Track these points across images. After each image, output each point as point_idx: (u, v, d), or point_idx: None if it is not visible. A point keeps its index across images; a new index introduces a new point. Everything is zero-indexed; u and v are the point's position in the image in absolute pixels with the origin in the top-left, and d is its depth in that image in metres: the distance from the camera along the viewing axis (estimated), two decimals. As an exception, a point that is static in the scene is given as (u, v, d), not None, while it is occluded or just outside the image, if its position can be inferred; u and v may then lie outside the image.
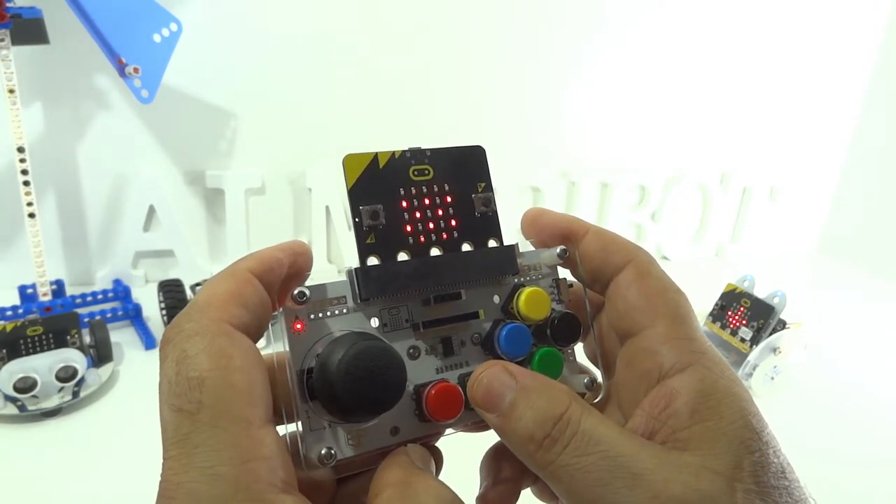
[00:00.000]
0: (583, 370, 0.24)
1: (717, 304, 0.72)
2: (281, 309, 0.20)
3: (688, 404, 0.19)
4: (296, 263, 0.21)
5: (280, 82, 0.87)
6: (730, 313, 0.70)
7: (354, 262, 0.21)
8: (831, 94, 1.15)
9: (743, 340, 0.68)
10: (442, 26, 0.91)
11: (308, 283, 0.21)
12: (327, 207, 0.92)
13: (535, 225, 0.25)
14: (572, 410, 0.19)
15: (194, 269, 0.88)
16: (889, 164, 1.13)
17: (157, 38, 0.69)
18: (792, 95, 1.12)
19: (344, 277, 0.21)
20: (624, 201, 1.07)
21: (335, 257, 0.95)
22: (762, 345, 0.67)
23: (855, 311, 0.96)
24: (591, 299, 0.25)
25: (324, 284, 0.21)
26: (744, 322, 0.68)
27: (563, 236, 0.24)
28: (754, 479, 0.17)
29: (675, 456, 0.18)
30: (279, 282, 0.21)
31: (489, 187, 0.24)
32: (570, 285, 0.25)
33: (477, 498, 0.24)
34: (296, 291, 0.20)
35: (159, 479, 0.17)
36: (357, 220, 0.21)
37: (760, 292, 0.69)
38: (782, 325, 0.69)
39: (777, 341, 0.67)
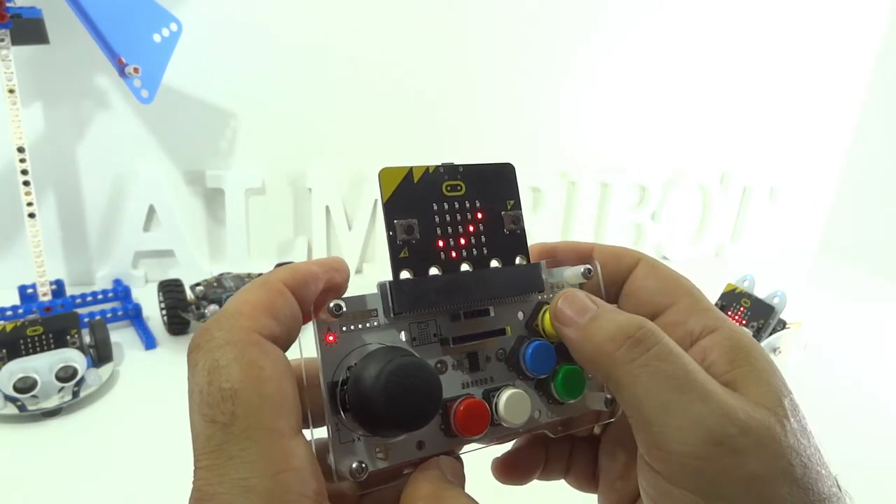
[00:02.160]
0: (602, 388, 0.25)
1: (717, 304, 0.72)
2: (314, 320, 0.20)
3: (722, 356, 0.21)
4: (332, 280, 0.21)
5: (280, 82, 0.87)
6: (730, 313, 0.70)
7: (355, 259, 0.21)
8: (831, 95, 1.15)
9: (743, 340, 0.68)
10: (441, 27, 0.91)
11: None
12: (327, 207, 0.92)
13: (550, 254, 0.25)
14: (653, 325, 0.20)
15: (194, 269, 0.88)
16: (889, 164, 1.13)
17: (157, 38, 0.69)
18: (792, 95, 1.12)
19: (374, 290, 0.21)
20: (624, 201, 1.07)
21: (335, 257, 0.95)
22: (762, 345, 0.67)
23: (855, 311, 0.96)
24: None
25: (360, 297, 0.21)
26: (744, 322, 0.69)
27: (577, 257, 0.25)
28: (796, 419, 0.19)
29: (731, 390, 0.20)
30: (314, 296, 0.20)
31: (518, 205, 0.24)
32: None
33: (494, 459, 0.26)
34: (332, 304, 0.20)
35: (192, 487, 0.17)
36: (391, 233, 0.21)
37: (760, 292, 0.69)
38: (782, 325, 0.69)
39: (777, 341, 0.67)
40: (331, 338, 0.20)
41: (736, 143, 1.12)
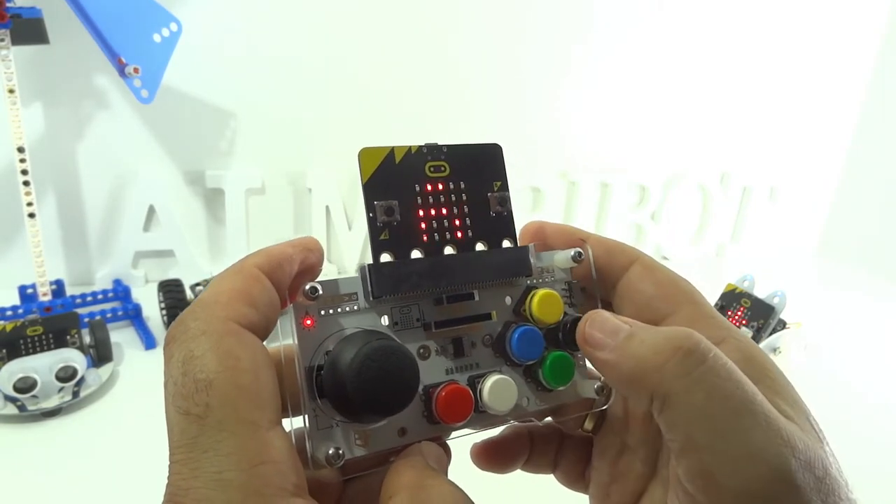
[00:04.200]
0: (592, 375, 0.24)
1: (717, 304, 0.72)
2: (291, 304, 0.20)
3: None
4: (307, 260, 0.21)
5: (280, 82, 0.87)
6: (730, 313, 0.70)
7: (355, 259, 0.21)
8: (831, 95, 1.15)
9: (743, 340, 0.68)
10: (441, 27, 0.91)
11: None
12: (327, 207, 0.92)
13: (540, 235, 0.25)
14: (703, 337, 0.18)
15: (194, 269, 0.88)
16: (889, 165, 1.13)
17: (157, 38, 0.69)
18: (792, 95, 1.12)
19: (355, 273, 0.21)
20: (624, 201, 1.07)
21: (335, 257, 0.95)
22: (762, 345, 0.66)
23: (855, 312, 0.96)
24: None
25: (336, 280, 0.20)
26: (744, 322, 0.68)
27: (568, 244, 0.24)
28: (826, 442, 0.18)
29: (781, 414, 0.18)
30: (289, 279, 0.20)
31: (505, 186, 0.23)
32: (583, 289, 0.24)
33: (473, 444, 0.25)
34: (307, 287, 0.19)
35: (166, 482, 0.16)
36: (371, 215, 0.21)
37: (760, 292, 0.69)
38: (782, 325, 0.69)
39: (777, 341, 0.67)
40: (308, 322, 0.20)
41: (736, 143, 1.12)
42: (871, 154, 1.16)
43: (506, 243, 0.23)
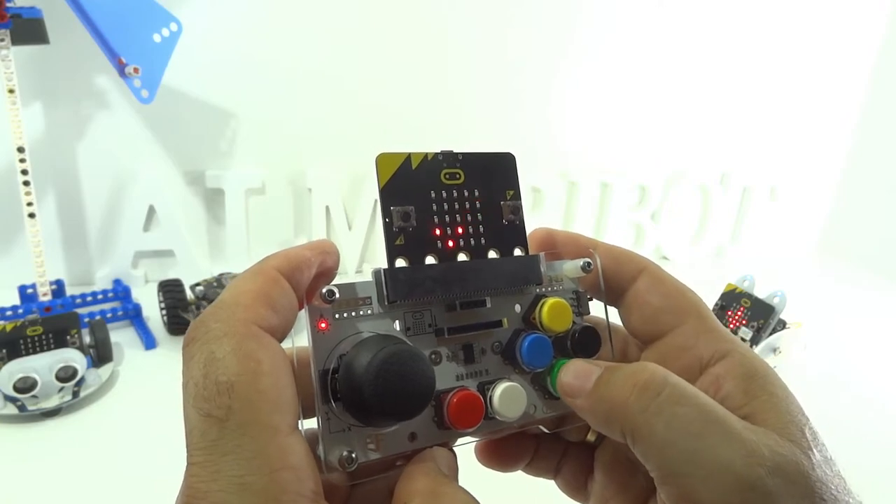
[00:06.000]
0: None
1: (717, 304, 0.72)
2: (306, 307, 0.20)
3: (737, 386, 0.20)
4: (324, 263, 0.21)
5: (280, 82, 0.87)
6: (730, 313, 0.70)
7: (355, 259, 0.21)
8: (831, 94, 1.15)
9: (743, 340, 0.68)
10: (440, 26, 0.91)
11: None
12: (327, 207, 0.92)
13: (548, 243, 0.25)
14: (657, 368, 0.19)
15: (194, 269, 0.88)
16: (889, 164, 1.13)
17: (157, 38, 0.69)
18: (792, 95, 1.12)
19: (369, 277, 0.21)
20: (624, 201, 1.07)
21: (335, 257, 0.95)
22: (762, 345, 0.67)
23: (855, 311, 0.96)
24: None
25: (352, 284, 0.20)
26: (744, 322, 0.69)
27: (577, 252, 0.24)
28: (818, 450, 0.19)
29: (752, 424, 0.19)
30: (307, 282, 0.20)
31: (517, 195, 0.23)
32: (590, 298, 0.25)
33: (477, 444, 0.25)
34: (325, 290, 0.19)
35: (182, 484, 0.16)
36: (388, 220, 0.21)
37: (760, 292, 0.69)
38: (782, 325, 0.69)
39: (777, 341, 0.67)
40: (323, 325, 0.20)
41: (736, 143, 1.12)
42: (872, 154, 1.16)
43: (517, 251, 0.23)
